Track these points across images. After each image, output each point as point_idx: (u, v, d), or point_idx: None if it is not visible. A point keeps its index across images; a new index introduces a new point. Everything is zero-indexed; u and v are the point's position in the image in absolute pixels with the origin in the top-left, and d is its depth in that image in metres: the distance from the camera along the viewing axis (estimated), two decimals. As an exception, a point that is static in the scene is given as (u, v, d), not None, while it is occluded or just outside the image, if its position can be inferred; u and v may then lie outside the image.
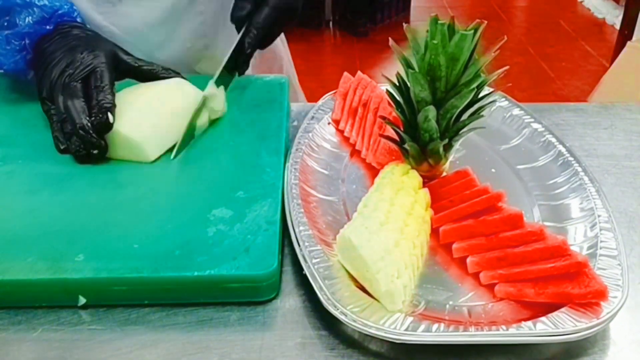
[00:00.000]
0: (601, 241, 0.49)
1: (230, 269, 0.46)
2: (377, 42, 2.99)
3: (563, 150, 0.60)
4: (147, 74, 0.64)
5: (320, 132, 0.65)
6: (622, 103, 0.75)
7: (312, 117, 0.66)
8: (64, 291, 0.46)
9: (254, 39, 0.65)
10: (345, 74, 0.70)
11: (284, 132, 0.63)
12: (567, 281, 0.44)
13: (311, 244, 0.49)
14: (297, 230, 0.50)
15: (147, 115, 0.60)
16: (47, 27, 0.64)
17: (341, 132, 0.66)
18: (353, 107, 0.66)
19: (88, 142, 0.57)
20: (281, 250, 0.50)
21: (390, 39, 0.52)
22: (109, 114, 0.56)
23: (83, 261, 0.47)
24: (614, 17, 3.09)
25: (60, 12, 0.65)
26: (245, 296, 0.47)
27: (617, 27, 2.63)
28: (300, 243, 0.49)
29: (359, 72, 0.69)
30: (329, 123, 0.67)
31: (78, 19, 0.67)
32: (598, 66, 2.71)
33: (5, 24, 0.64)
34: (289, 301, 0.48)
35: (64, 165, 0.58)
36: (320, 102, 0.69)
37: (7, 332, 0.45)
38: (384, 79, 0.54)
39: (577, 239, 0.51)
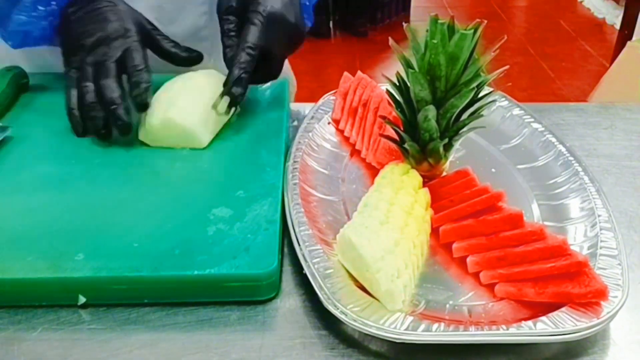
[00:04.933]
0: (601, 241, 0.49)
1: (230, 268, 0.46)
2: (377, 42, 2.99)
3: (563, 150, 0.60)
4: (172, 54, 0.65)
5: (320, 132, 0.65)
6: (622, 103, 0.75)
7: (312, 117, 0.66)
8: (64, 290, 0.46)
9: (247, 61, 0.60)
10: (345, 73, 0.70)
11: (284, 132, 0.63)
12: (567, 281, 0.44)
13: (311, 243, 0.49)
14: (297, 229, 0.50)
15: (195, 103, 0.61)
16: None
17: (341, 131, 0.66)
18: (353, 107, 0.66)
19: (121, 123, 0.58)
20: (281, 250, 0.50)
21: (390, 38, 0.52)
22: (149, 93, 0.58)
23: (83, 260, 0.47)
24: (614, 17, 3.09)
25: None
26: (245, 295, 0.47)
27: (617, 27, 2.63)
28: (300, 243, 0.49)
29: (359, 72, 0.69)
30: (329, 123, 0.67)
31: None
32: (598, 66, 2.71)
33: None
34: (289, 301, 0.48)
35: (64, 165, 0.58)
36: (320, 102, 0.69)
37: (6, 331, 0.45)
38: (384, 79, 0.54)
39: (577, 239, 0.51)
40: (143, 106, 0.59)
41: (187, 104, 0.61)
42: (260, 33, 0.60)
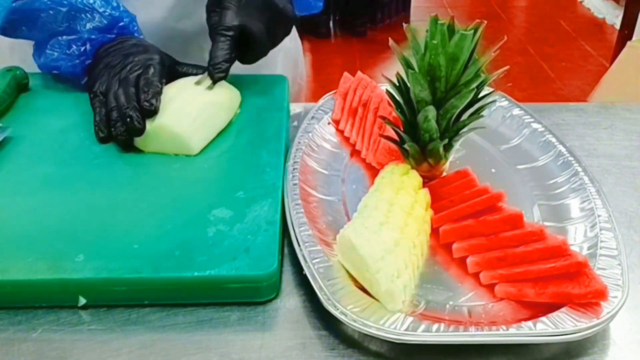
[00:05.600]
0: (601, 241, 0.49)
1: (230, 269, 0.46)
2: (377, 42, 2.99)
3: (563, 150, 0.60)
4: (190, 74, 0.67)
5: (320, 132, 0.65)
6: (622, 103, 0.75)
7: (312, 117, 0.66)
8: (64, 291, 0.46)
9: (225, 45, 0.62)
10: (345, 74, 0.70)
11: (284, 132, 0.63)
12: (567, 281, 0.44)
13: (311, 244, 0.49)
14: (297, 230, 0.50)
15: (189, 109, 0.61)
16: (109, 35, 0.66)
17: (341, 132, 0.66)
18: (353, 107, 0.66)
19: (132, 126, 0.58)
20: (281, 251, 0.50)
21: (390, 39, 0.52)
22: (156, 99, 0.59)
23: (83, 261, 0.47)
24: (614, 17, 3.09)
25: (121, 24, 0.66)
26: (245, 296, 0.47)
27: (617, 27, 2.63)
28: (301, 243, 0.49)
29: (359, 72, 0.69)
30: (329, 123, 0.67)
31: (136, 34, 0.68)
32: (598, 66, 2.71)
33: (66, 29, 0.65)
34: (289, 301, 0.48)
35: (64, 165, 0.58)
36: (320, 102, 0.69)
37: (7, 332, 0.45)
38: (384, 79, 0.54)
39: (577, 239, 0.51)
40: (149, 112, 0.58)
41: (179, 110, 0.60)
42: (234, 14, 0.63)
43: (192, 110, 0.61)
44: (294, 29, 0.90)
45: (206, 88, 0.63)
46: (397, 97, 0.54)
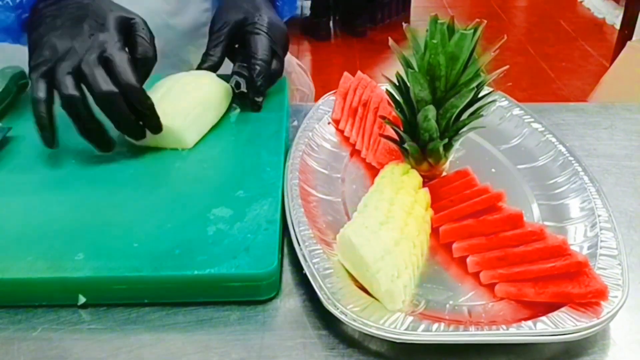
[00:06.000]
0: (601, 241, 0.49)
1: (230, 267, 0.46)
2: (377, 42, 2.99)
3: (563, 150, 0.60)
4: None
5: (320, 131, 0.65)
6: (622, 103, 0.75)
7: (312, 117, 0.66)
8: (64, 290, 0.46)
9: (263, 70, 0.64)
10: (345, 73, 0.70)
11: (284, 132, 0.63)
12: (567, 281, 0.44)
13: (311, 243, 0.49)
14: (297, 229, 0.50)
15: (182, 103, 0.61)
16: None
17: (341, 131, 0.66)
18: (353, 107, 0.66)
19: (134, 130, 0.57)
20: (281, 250, 0.50)
21: (390, 39, 0.52)
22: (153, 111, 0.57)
23: (83, 260, 0.47)
24: (614, 17, 3.09)
25: None
26: (245, 295, 0.47)
27: (617, 27, 2.63)
28: (300, 242, 0.49)
29: (359, 72, 0.69)
30: (329, 123, 0.67)
31: None
32: (598, 66, 2.71)
33: None
34: (289, 301, 0.48)
35: (64, 165, 0.58)
36: (320, 102, 0.69)
37: (6, 331, 0.45)
38: (384, 79, 0.54)
39: (577, 239, 0.51)
40: (156, 129, 0.58)
41: (172, 104, 0.60)
42: (267, 41, 0.66)
43: (186, 105, 0.61)
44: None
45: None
46: (397, 97, 0.54)
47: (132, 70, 0.55)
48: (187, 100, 0.62)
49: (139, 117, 0.57)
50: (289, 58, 0.93)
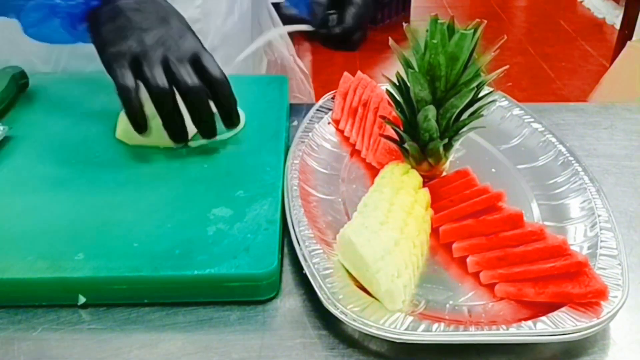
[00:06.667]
0: (601, 241, 0.49)
1: (230, 267, 0.46)
2: (377, 42, 2.98)
3: (563, 150, 0.60)
4: None
5: (320, 132, 0.65)
6: (622, 103, 0.75)
7: (312, 117, 0.66)
8: (64, 290, 0.46)
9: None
10: (345, 73, 0.70)
11: (284, 132, 0.63)
12: (567, 281, 0.44)
13: (311, 243, 0.49)
14: (297, 229, 0.50)
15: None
16: None
17: (341, 131, 0.66)
18: (353, 107, 0.66)
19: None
20: (281, 250, 0.50)
21: (390, 39, 0.52)
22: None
23: (83, 260, 0.47)
24: (614, 17, 3.09)
25: None
26: (245, 295, 0.47)
27: (617, 27, 2.63)
28: (300, 242, 0.49)
29: (359, 72, 0.69)
30: (329, 123, 0.67)
31: None
32: (598, 66, 2.71)
33: None
34: (289, 301, 0.48)
35: (64, 164, 0.58)
36: (320, 102, 0.69)
37: (6, 331, 0.45)
38: (384, 79, 0.54)
39: (577, 239, 0.51)
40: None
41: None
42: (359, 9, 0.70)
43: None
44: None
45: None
46: (397, 97, 0.54)
47: (219, 66, 0.57)
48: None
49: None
50: (292, 65, 0.93)
